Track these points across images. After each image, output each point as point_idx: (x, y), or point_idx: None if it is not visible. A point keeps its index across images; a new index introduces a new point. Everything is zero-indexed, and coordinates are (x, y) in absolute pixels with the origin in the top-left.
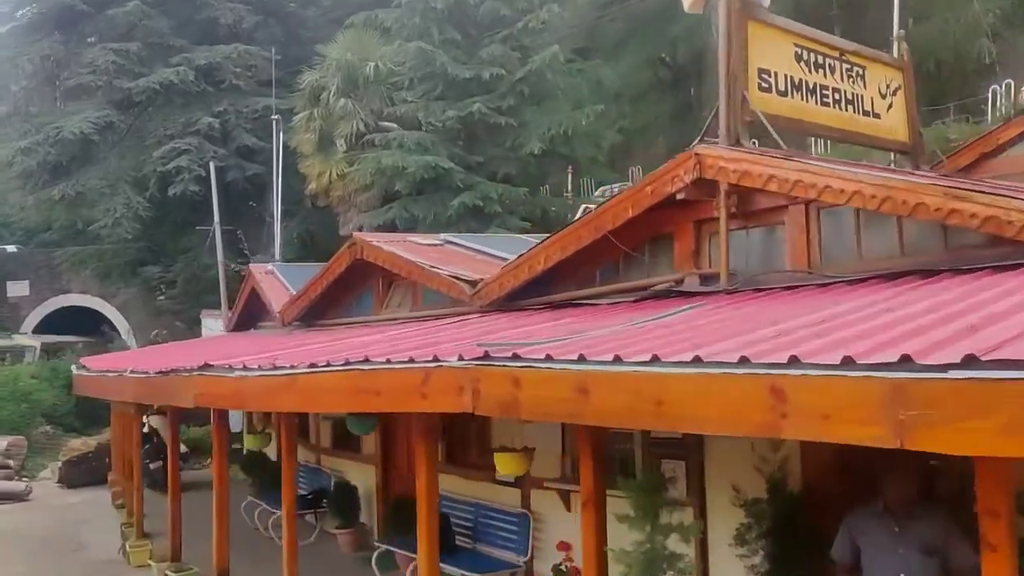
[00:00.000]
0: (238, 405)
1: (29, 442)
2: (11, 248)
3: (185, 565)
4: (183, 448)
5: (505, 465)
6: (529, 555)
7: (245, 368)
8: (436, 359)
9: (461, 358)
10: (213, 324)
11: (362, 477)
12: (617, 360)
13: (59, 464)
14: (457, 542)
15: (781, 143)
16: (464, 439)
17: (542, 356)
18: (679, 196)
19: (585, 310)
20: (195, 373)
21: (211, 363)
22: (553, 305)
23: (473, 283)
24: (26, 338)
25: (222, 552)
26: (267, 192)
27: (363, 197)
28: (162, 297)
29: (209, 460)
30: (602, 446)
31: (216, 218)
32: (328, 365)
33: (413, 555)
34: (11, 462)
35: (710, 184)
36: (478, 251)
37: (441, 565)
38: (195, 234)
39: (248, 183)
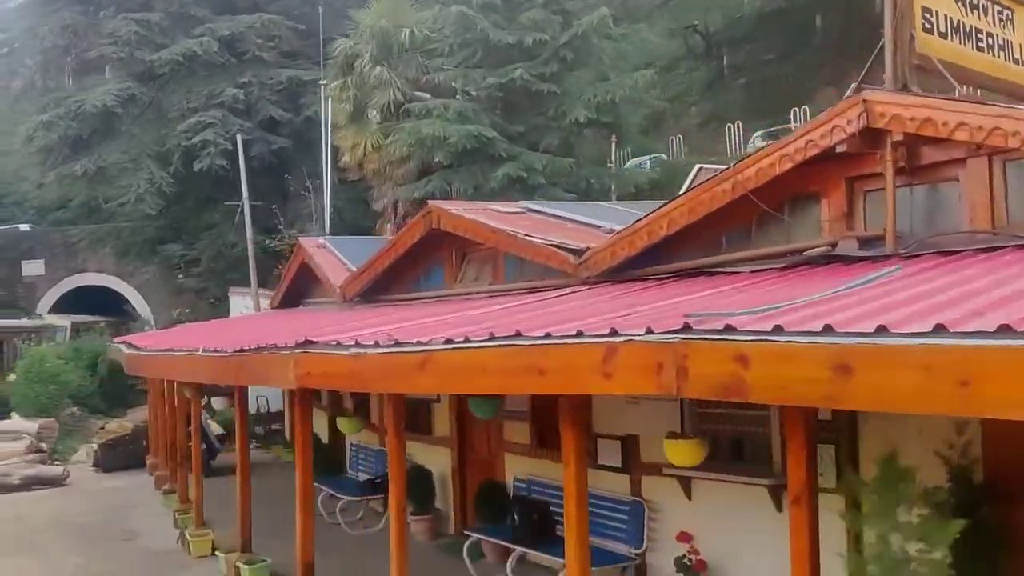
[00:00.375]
0: (354, 386)
1: (58, 424)
2: (24, 227)
3: (257, 556)
4: (219, 430)
5: (678, 454)
6: (643, 547)
7: (358, 345)
8: (615, 332)
9: (650, 331)
10: (242, 302)
11: (436, 460)
12: (882, 331)
13: (94, 447)
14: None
15: (957, 87)
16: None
17: (769, 328)
18: (839, 149)
19: (723, 279)
20: (297, 351)
21: (314, 339)
22: (679, 274)
23: (577, 252)
24: (56, 318)
25: (307, 544)
26: (294, 166)
27: (400, 170)
28: (182, 276)
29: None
30: (814, 432)
31: (244, 193)
32: (467, 341)
33: (511, 546)
34: (43, 445)
35: (875, 135)
36: (567, 219)
37: (540, 555)
38: (219, 210)
39: (274, 157)
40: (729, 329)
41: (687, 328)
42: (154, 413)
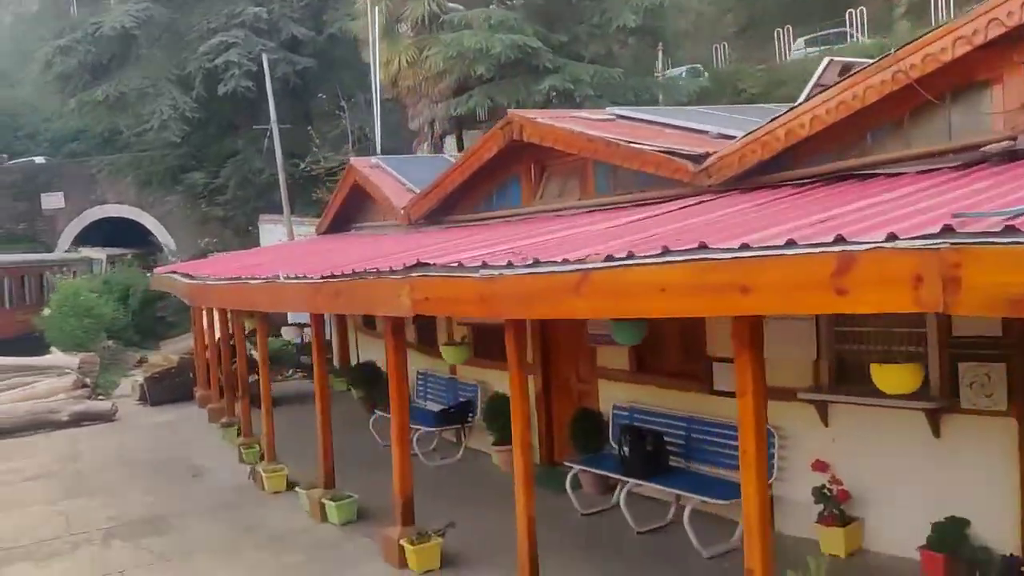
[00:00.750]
0: (483, 312)
1: (98, 358)
2: (39, 159)
3: (342, 492)
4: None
5: (891, 379)
6: (771, 477)
7: (487, 266)
8: (843, 239)
9: (893, 236)
10: (274, 230)
11: None
12: None
13: (139, 381)
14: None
15: None
16: (661, 343)
17: None
18: None
19: (881, 183)
20: (414, 275)
21: (429, 261)
22: (819, 179)
23: (695, 158)
24: (91, 251)
25: (406, 478)
26: (318, 87)
27: (438, 87)
28: (206, 205)
29: (291, 371)
30: None
31: (272, 116)
32: (633, 257)
33: (620, 478)
34: (88, 380)
35: None
36: (664, 124)
37: (653, 486)
38: (243, 136)
39: (298, 78)
40: (1012, 231)
41: (948, 231)
42: (201, 344)
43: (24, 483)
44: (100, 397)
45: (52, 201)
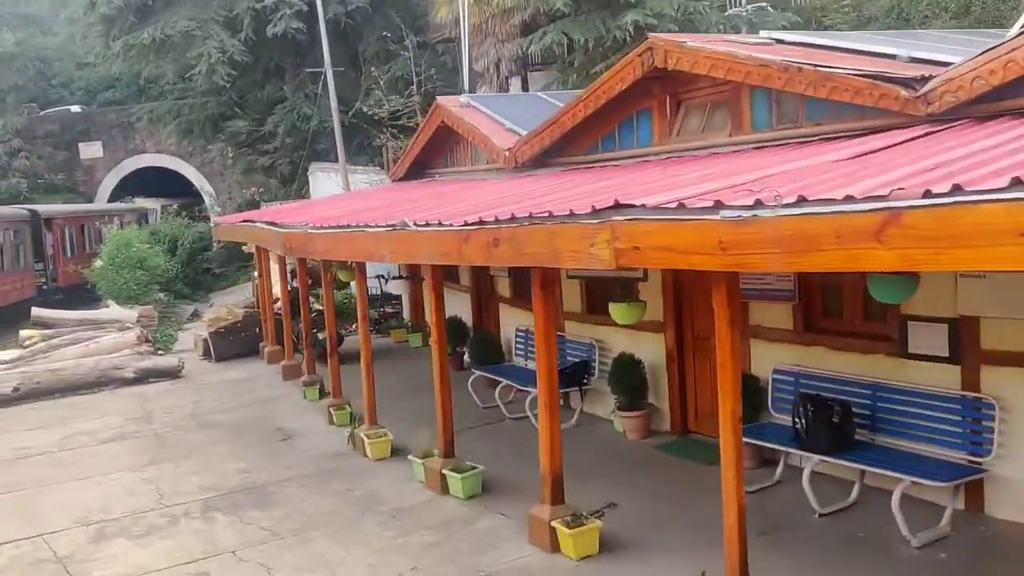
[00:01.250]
0: (725, 264)
1: (156, 312)
2: (75, 108)
3: (464, 463)
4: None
5: None
6: (989, 454)
7: (723, 206)
8: None
9: None
10: (327, 179)
11: (645, 348)
12: None
13: (202, 335)
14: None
15: None
16: (834, 299)
17: None
18: None
19: None
20: (616, 218)
21: (633, 202)
22: None
23: (909, 82)
24: (147, 201)
25: (555, 451)
26: (370, 29)
27: (507, 24)
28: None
29: (355, 325)
30: None
31: (327, 58)
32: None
33: (797, 452)
34: (149, 335)
35: None
36: (839, 48)
37: (841, 463)
38: (291, 81)
39: (349, 18)
40: None
41: None
42: (267, 298)
43: (101, 447)
44: (160, 352)
45: (90, 151)
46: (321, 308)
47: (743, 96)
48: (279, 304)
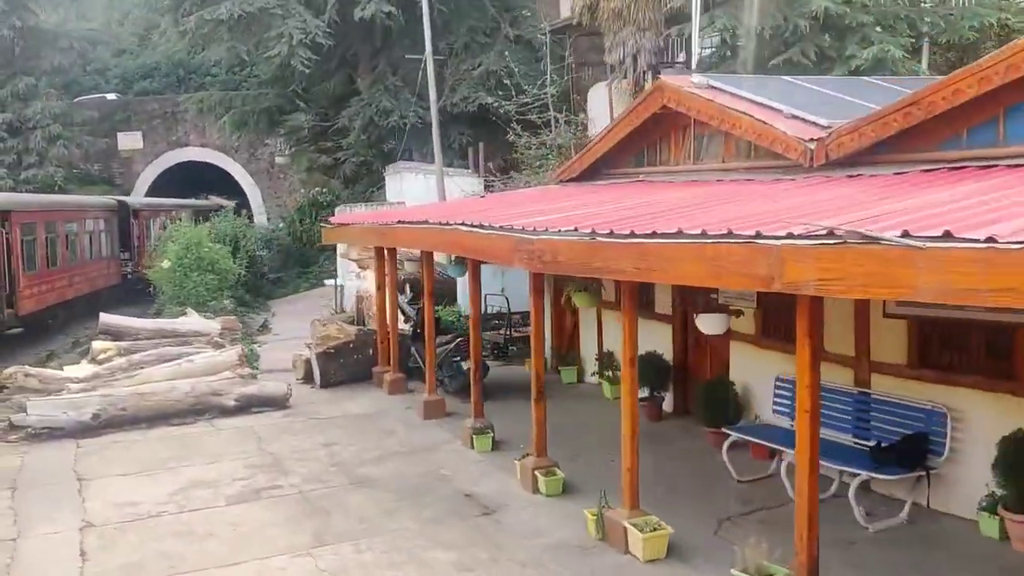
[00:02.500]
0: None
1: (240, 324)
2: (111, 96)
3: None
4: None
5: None
6: None
7: None
8: None
9: None
10: (415, 180)
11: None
12: None
13: (302, 355)
14: None
15: None
16: None
17: None
18: None
19: None
20: None
21: None
22: None
23: None
24: (221, 199)
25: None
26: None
27: (651, 13)
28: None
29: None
30: None
31: (428, 45)
32: None
33: None
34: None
35: None
36: None
37: None
38: (365, 71)
39: (442, 6)
40: None
41: None
42: (383, 314)
43: (234, 509)
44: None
45: (129, 141)
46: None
47: None
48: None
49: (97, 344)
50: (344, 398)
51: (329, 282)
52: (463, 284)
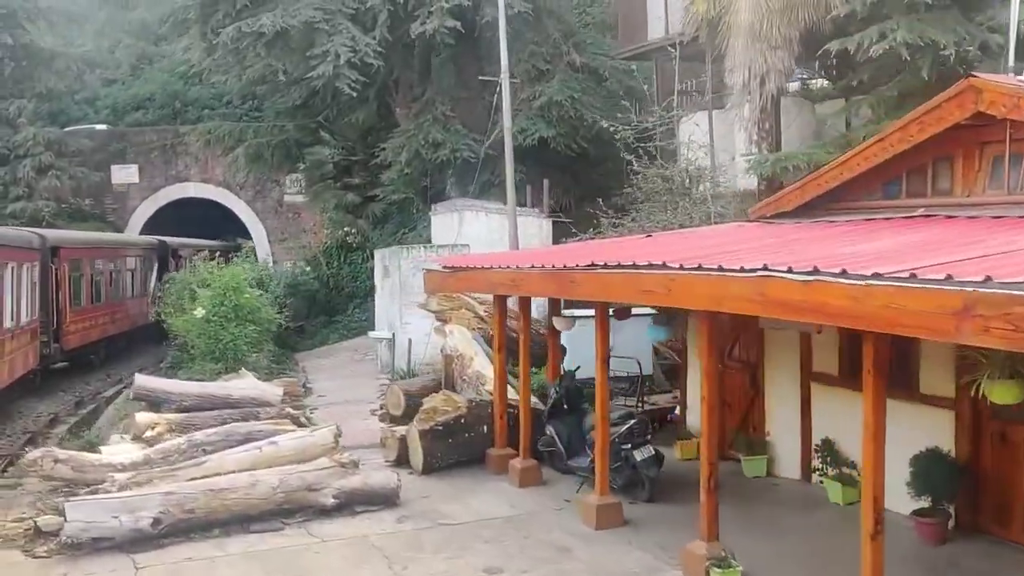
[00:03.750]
0: None
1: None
2: (100, 127)
3: None
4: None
5: None
6: None
7: None
8: None
9: None
10: (475, 219)
11: None
12: None
13: (398, 433)
14: None
15: None
16: None
17: None
18: None
19: None
20: None
21: None
22: None
23: None
24: (248, 242)
25: None
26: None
27: (786, 26)
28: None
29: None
30: None
31: (504, 63)
32: None
33: None
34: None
35: None
36: None
37: None
38: (405, 103)
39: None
40: None
41: None
42: (502, 381)
43: None
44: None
45: (124, 175)
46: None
47: None
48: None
49: (142, 417)
50: (464, 491)
51: (376, 334)
52: (569, 339)
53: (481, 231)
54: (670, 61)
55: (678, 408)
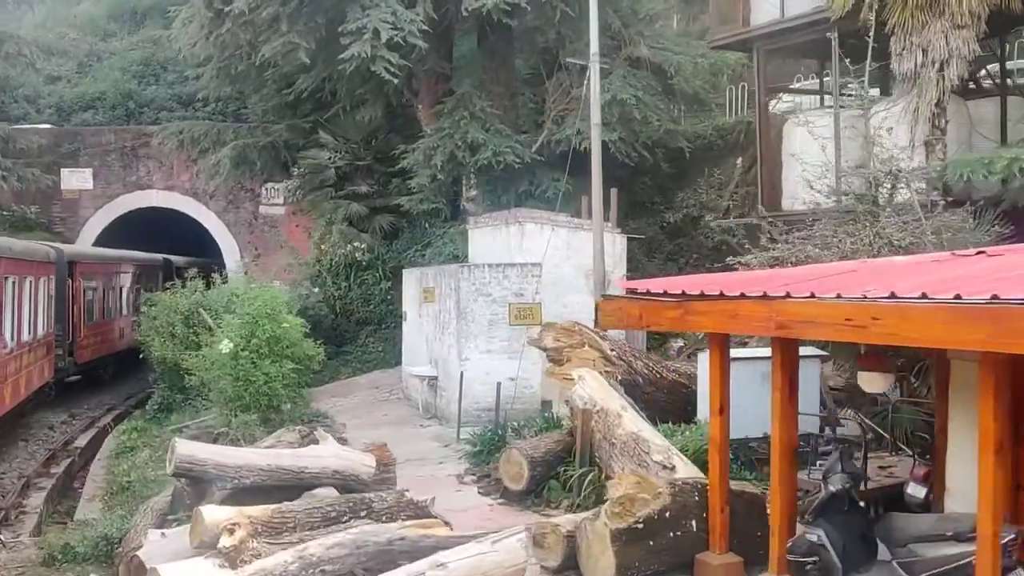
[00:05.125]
0: None
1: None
2: (44, 126)
3: None
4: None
5: None
6: None
7: None
8: None
9: None
10: (539, 235)
11: None
12: None
13: (562, 529)
14: None
15: None
16: None
17: None
18: None
19: None
20: None
21: None
22: None
23: None
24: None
25: None
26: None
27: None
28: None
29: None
30: None
31: (594, 45)
32: None
33: None
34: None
35: None
36: None
37: None
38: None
39: (567, 7)
40: None
41: None
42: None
43: None
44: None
45: (76, 180)
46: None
47: None
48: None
49: (213, 514)
50: None
51: (417, 370)
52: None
53: (544, 246)
54: (778, 51)
55: (913, 485)
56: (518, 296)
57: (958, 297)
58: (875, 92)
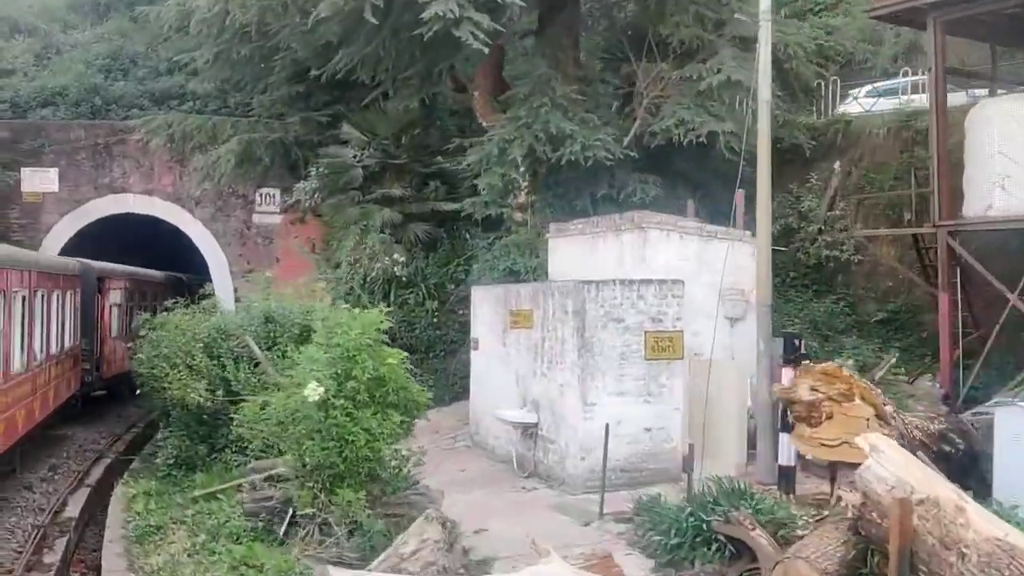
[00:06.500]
0: None
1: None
2: None
3: None
4: None
5: None
6: None
7: None
8: None
9: None
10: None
11: None
12: None
13: None
14: None
15: None
16: None
17: None
18: None
19: None
20: None
21: None
22: None
23: None
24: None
25: None
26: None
27: None
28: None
29: None
30: None
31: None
32: None
33: None
34: None
35: None
36: None
37: None
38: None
39: None
40: None
41: None
42: None
43: None
44: None
45: (38, 181)
46: None
47: None
48: None
49: None
50: None
51: (513, 416)
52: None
53: (671, 259)
54: (960, 23)
55: None
56: (655, 322)
57: None
58: None
